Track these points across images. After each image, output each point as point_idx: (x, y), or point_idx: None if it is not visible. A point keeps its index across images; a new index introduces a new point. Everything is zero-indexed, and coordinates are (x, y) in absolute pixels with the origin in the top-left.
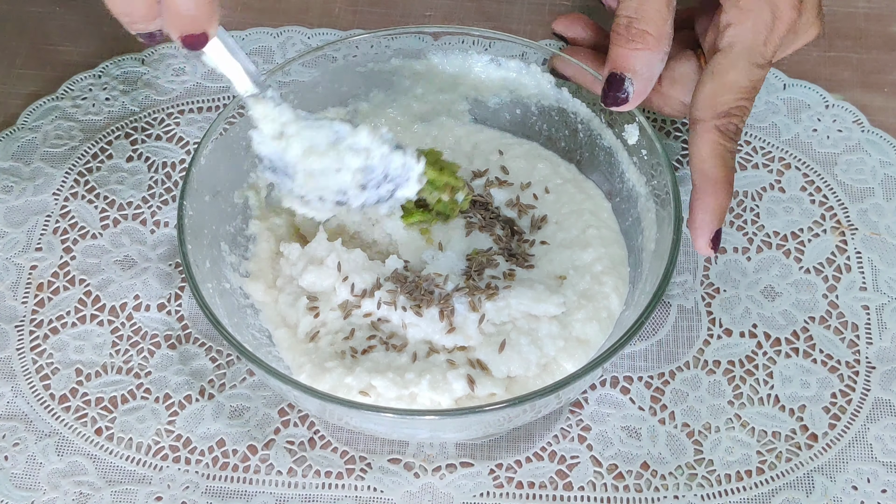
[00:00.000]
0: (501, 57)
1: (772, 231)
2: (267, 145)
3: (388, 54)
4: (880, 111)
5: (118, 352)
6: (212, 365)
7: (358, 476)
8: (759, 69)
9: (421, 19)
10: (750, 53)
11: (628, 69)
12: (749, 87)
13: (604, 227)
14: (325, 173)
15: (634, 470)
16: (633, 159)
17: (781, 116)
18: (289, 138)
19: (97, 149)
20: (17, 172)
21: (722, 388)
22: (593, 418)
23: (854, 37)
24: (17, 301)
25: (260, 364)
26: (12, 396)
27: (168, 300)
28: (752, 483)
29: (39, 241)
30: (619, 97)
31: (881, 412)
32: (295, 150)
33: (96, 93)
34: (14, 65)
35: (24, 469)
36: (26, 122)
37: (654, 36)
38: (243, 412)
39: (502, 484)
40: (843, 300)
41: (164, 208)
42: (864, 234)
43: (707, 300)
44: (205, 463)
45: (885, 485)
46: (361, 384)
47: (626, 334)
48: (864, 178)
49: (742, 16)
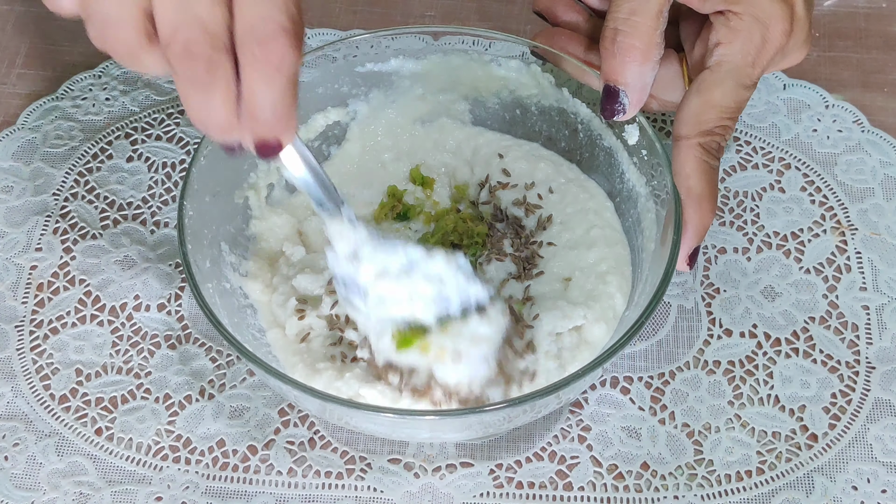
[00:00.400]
0: (501, 57)
1: (772, 231)
2: (341, 266)
3: (388, 54)
4: (880, 111)
5: (118, 352)
6: (212, 365)
7: (358, 476)
8: (746, 90)
9: (421, 19)
10: (737, 74)
11: (620, 82)
12: (734, 107)
13: (607, 226)
14: (397, 301)
15: (634, 470)
16: (634, 159)
17: (781, 116)
18: (362, 261)
19: (97, 149)
20: (17, 172)
21: (722, 389)
22: (593, 418)
23: (854, 36)
24: (17, 301)
25: (260, 364)
26: (12, 396)
27: (168, 300)
28: (752, 483)
29: (39, 242)
30: (617, 109)
31: (881, 412)
32: (367, 273)
33: (96, 93)
34: (14, 65)
35: (24, 469)
36: (26, 122)
37: (642, 49)
38: (243, 412)
39: (502, 484)
40: (843, 300)
41: (165, 208)
42: (865, 235)
43: (707, 300)
44: (205, 463)
45: (885, 485)
46: (350, 391)
47: (626, 334)
48: (865, 179)
49: (732, 36)
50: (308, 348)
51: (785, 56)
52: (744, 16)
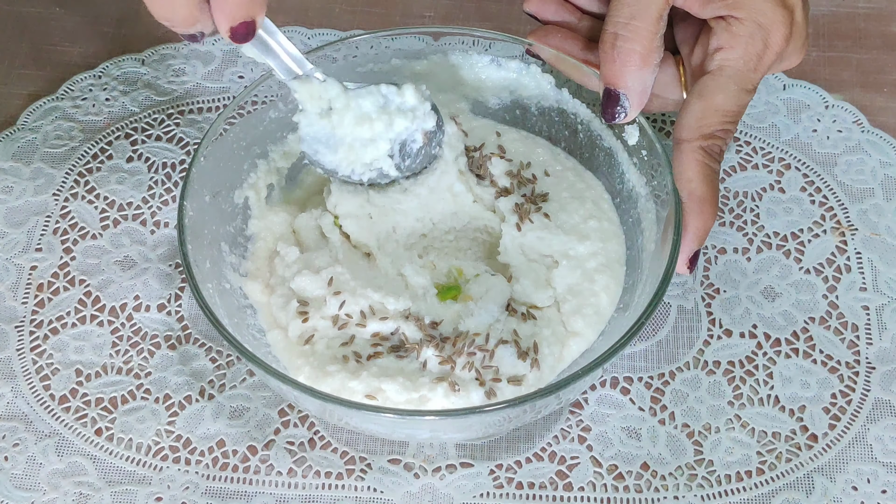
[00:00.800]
0: (501, 57)
1: (772, 231)
2: (315, 125)
3: (388, 54)
4: (880, 111)
5: (118, 352)
6: (212, 365)
7: (358, 476)
8: (747, 94)
9: (421, 19)
10: (740, 79)
11: (620, 86)
12: (736, 111)
13: (605, 219)
14: (364, 144)
15: (634, 470)
16: (634, 160)
17: (781, 117)
18: (339, 112)
19: (97, 149)
20: (18, 173)
21: (722, 389)
22: (593, 419)
23: (854, 37)
24: (17, 301)
25: (260, 364)
26: (12, 397)
27: (168, 300)
28: (752, 483)
29: (39, 242)
30: (618, 112)
31: (881, 413)
32: (347, 122)
33: (96, 93)
34: (14, 65)
35: (24, 469)
36: (26, 123)
37: (642, 53)
38: (243, 413)
39: (502, 484)
40: (843, 300)
41: (164, 209)
42: (864, 235)
43: (707, 301)
44: (205, 463)
45: (885, 485)
46: (369, 388)
47: (626, 335)
48: (864, 179)
49: (734, 41)
50: (313, 350)
51: (783, 60)
52: (746, 21)
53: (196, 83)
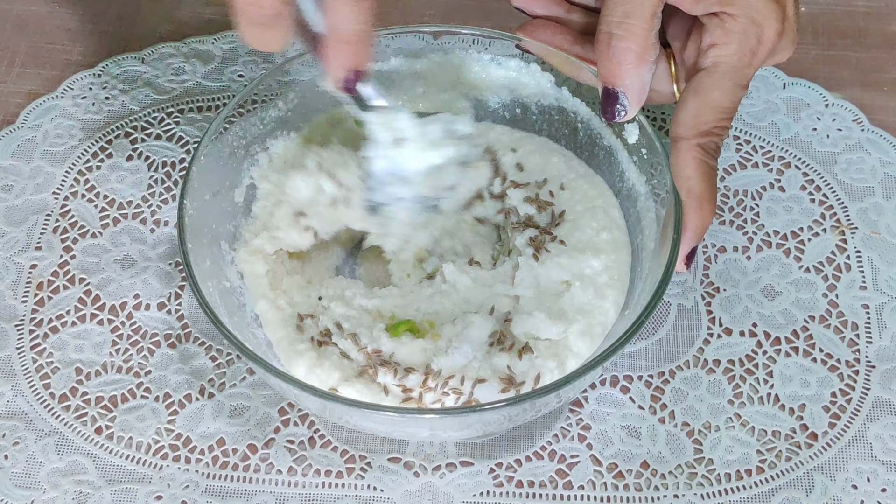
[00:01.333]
0: (501, 56)
1: (772, 230)
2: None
3: (388, 54)
4: (880, 110)
5: (118, 351)
6: (212, 364)
7: (358, 475)
8: (742, 90)
9: (421, 19)
10: (735, 75)
11: (618, 85)
12: (731, 107)
13: (615, 227)
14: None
15: (634, 469)
16: (633, 158)
17: (781, 115)
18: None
19: (97, 148)
20: (17, 171)
21: (722, 388)
22: (593, 417)
23: (853, 35)
24: (16, 300)
25: (260, 362)
26: (12, 395)
27: (168, 299)
28: (752, 482)
29: (39, 240)
30: (617, 111)
31: (881, 411)
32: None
33: (96, 92)
34: (14, 64)
35: (23, 468)
36: (26, 121)
37: (638, 51)
38: (243, 411)
39: (502, 483)
40: (843, 299)
41: (164, 207)
42: (864, 234)
43: (707, 299)
44: (205, 462)
45: (885, 484)
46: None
47: (626, 334)
48: (864, 177)
49: (727, 37)
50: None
51: (774, 55)
52: (739, 17)
53: (196, 82)
